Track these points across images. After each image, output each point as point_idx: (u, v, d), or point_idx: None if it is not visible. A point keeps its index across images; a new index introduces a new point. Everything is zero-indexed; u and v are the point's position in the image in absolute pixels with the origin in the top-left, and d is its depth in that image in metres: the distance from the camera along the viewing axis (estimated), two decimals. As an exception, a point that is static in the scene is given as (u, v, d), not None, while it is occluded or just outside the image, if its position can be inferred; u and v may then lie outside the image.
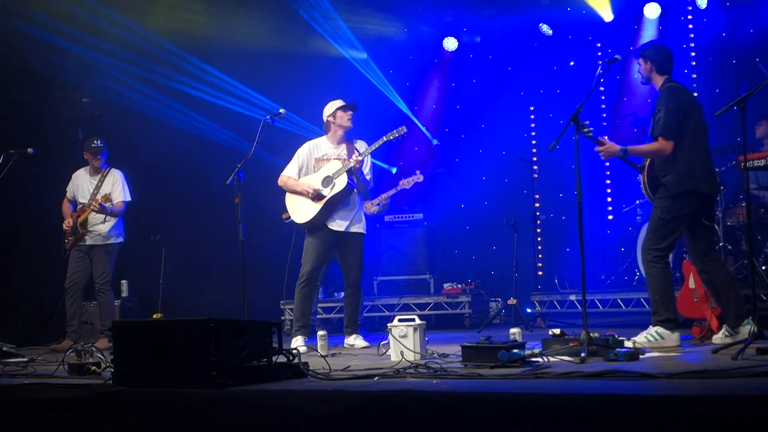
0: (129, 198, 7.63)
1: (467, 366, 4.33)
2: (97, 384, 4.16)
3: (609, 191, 9.46)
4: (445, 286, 8.66)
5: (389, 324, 5.12)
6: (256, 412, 3.49)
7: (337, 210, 6.40)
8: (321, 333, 5.59)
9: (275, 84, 9.15)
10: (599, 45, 9.53)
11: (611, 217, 9.42)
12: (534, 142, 9.87)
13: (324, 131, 6.63)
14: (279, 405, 3.48)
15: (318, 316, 8.04)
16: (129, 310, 8.34)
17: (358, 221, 6.50)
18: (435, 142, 9.97)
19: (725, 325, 5.25)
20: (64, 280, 7.56)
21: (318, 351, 5.38)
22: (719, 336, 5.25)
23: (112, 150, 7.78)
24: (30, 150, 7.05)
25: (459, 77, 10.22)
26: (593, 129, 4.92)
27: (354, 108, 6.52)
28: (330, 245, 6.53)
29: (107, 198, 7.31)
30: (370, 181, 6.57)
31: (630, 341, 4.98)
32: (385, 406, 3.26)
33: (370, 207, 7.85)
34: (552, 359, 4.43)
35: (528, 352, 4.45)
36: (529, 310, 8.30)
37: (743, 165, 5.26)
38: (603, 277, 8.77)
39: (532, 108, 9.91)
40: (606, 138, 5.32)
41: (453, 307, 8.50)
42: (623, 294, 7.78)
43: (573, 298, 7.91)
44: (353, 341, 6.37)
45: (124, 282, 8.48)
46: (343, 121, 6.49)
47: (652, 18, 9.11)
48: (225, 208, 7.38)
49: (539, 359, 4.40)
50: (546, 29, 9.55)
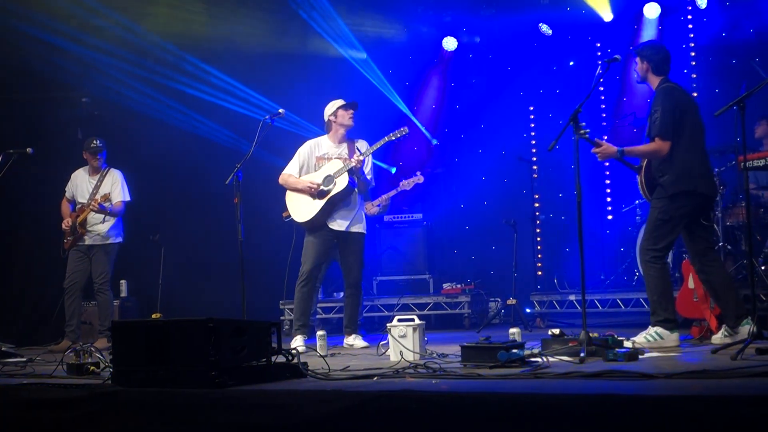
0: (128, 198, 7.63)
1: (466, 366, 4.33)
2: (96, 384, 4.15)
3: (608, 191, 9.45)
4: (445, 286, 8.66)
5: (389, 324, 5.11)
6: (255, 412, 3.49)
7: (338, 209, 6.40)
8: (320, 333, 5.59)
9: (274, 84, 9.15)
10: (599, 45, 9.52)
11: (611, 217, 9.41)
12: (533, 142, 9.85)
13: (325, 130, 6.63)
14: (278, 405, 3.48)
15: (317, 316, 8.05)
16: (128, 310, 8.34)
17: (358, 221, 6.50)
18: (434, 142, 9.96)
19: (724, 325, 5.25)
20: (63, 280, 7.56)
21: (317, 351, 5.38)
22: (718, 336, 5.25)
23: (111, 150, 7.77)
24: (29, 150, 7.05)
25: (458, 77, 10.21)
26: (589, 130, 4.90)
27: (355, 107, 6.52)
28: (330, 245, 6.53)
29: (106, 198, 7.31)
30: (371, 181, 6.57)
31: (629, 341, 4.98)
32: (385, 406, 3.26)
33: (370, 208, 7.85)
34: (551, 359, 4.43)
35: (527, 352, 4.46)
36: (529, 310, 8.29)
37: (743, 165, 5.27)
38: (602, 277, 8.76)
39: (531, 108, 9.90)
40: (605, 138, 5.33)
41: (452, 307, 8.50)
42: (622, 294, 7.76)
43: (572, 298, 7.90)
44: (353, 341, 6.37)
45: (123, 282, 8.48)
46: (345, 120, 6.48)
47: (651, 18, 9.10)
48: (224, 208, 7.38)
49: (538, 359, 4.40)
50: (545, 29, 9.54)
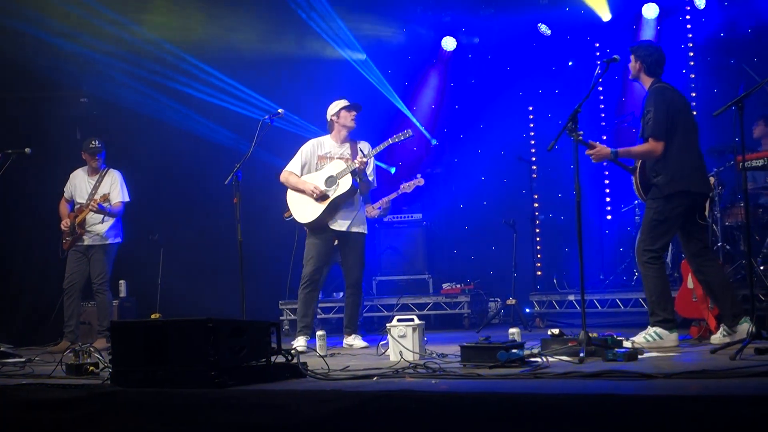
0: (127, 198, 7.62)
1: (466, 366, 4.32)
2: (95, 384, 4.15)
3: (608, 191, 9.46)
4: (444, 286, 8.66)
5: (388, 324, 5.11)
6: (254, 412, 3.49)
7: (340, 210, 6.40)
8: (320, 333, 5.58)
9: (273, 84, 9.15)
10: (598, 45, 9.53)
11: (610, 217, 9.42)
12: (533, 142, 9.85)
13: (327, 130, 6.62)
14: (278, 405, 3.48)
15: (317, 316, 8.03)
16: (127, 310, 8.32)
17: (359, 221, 6.49)
18: (434, 142, 9.96)
19: (722, 325, 5.25)
20: (61, 280, 7.55)
21: (317, 351, 5.38)
22: (717, 336, 5.25)
23: (110, 150, 7.77)
24: (28, 150, 7.02)
25: (458, 77, 10.21)
26: (583, 132, 4.89)
27: (358, 108, 6.51)
28: (332, 246, 6.53)
29: (105, 198, 7.31)
30: (373, 182, 6.56)
31: (628, 341, 4.98)
32: (384, 406, 3.26)
33: (371, 211, 7.84)
34: (551, 359, 4.43)
35: (527, 352, 4.46)
36: (528, 310, 8.28)
37: (741, 165, 5.27)
38: (601, 277, 8.76)
39: (530, 108, 9.89)
40: (605, 139, 5.32)
41: (452, 307, 8.50)
42: (622, 294, 7.75)
43: (572, 298, 7.89)
44: (352, 341, 6.37)
45: (122, 282, 8.46)
46: (347, 121, 6.48)
47: (650, 18, 9.11)
48: (223, 208, 7.38)
49: (538, 359, 4.40)
50: (544, 29, 9.55)
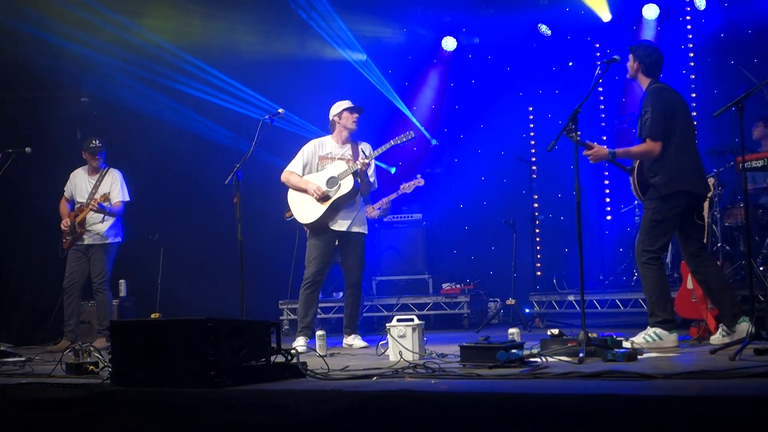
0: (128, 198, 7.63)
1: (466, 366, 4.32)
2: (95, 384, 4.15)
3: (607, 192, 9.46)
4: (444, 286, 8.66)
5: (388, 324, 5.11)
6: (254, 411, 3.49)
7: (340, 210, 6.40)
8: (319, 333, 5.58)
9: (273, 84, 9.14)
10: (598, 45, 9.53)
11: (610, 218, 9.42)
12: (533, 142, 9.85)
13: (329, 130, 6.62)
14: (277, 405, 3.48)
15: (317, 316, 8.03)
16: (127, 309, 8.33)
17: (359, 221, 6.49)
18: (434, 142, 9.96)
19: (721, 325, 5.25)
20: (61, 279, 7.56)
21: (317, 351, 5.38)
22: (717, 336, 5.25)
23: (110, 149, 7.77)
24: (28, 149, 7.03)
25: (458, 77, 10.21)
26: (580, 133, 4.89)
27: (360, 111, 6.51)
28: (333, 246, 6.53)
29: (106, 197, 7.31)
30: (374, 183, 6.56)
31: (628, 342, 4.98)
32: (384, 406, 3.26)
33: (371, 211, 7.84)
34: (550, 359, 4.43)
35: (526, 352, 4.46)
36: (528, 310, 8.28)
37: (741, 166, 5.28)
38: (601, 278, 8.76)
39: (530, 108, 9.90)
40: (605, 140, 5.32)
41: (451, 307, 8.50)
42: (621, 294, 7.75)
43: (571, 298, 7.89)
44: (352, 341, 6.37)
45: (122, 281, 8.47)
46: (348, 123, 6.47)
47: (650, 18, 9.11)
48: (223, 207, 7.38)
49: (537, 359, 4.40)
50: (545, 30, 9.55)
